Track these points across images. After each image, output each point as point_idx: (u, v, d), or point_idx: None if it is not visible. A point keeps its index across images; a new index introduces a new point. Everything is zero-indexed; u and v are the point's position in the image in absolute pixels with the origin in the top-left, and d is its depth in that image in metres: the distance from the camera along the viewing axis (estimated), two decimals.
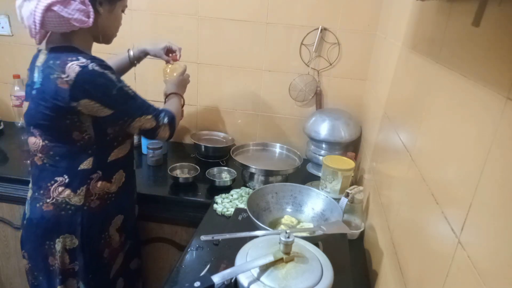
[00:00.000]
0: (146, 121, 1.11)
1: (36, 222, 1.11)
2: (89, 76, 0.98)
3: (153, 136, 1.16)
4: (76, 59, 0.98)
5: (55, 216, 1.09)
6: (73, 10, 0.96)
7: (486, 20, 0.53)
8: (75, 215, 1.10)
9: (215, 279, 0.70)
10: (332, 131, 1.61)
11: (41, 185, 1.10)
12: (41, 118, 1.03)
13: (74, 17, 0.97)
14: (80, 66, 0.97)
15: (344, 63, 1.71)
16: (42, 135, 1.06)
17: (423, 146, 0.78)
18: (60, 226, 1.10)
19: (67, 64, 0.97)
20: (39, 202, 1.10)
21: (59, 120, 1.02)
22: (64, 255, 1.13)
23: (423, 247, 0.70)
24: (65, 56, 0.99)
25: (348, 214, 1.22)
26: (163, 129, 1.16)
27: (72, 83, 0.97)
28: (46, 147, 1.07)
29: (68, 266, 1.15)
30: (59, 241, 1.11)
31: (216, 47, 1.78)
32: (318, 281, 0.70)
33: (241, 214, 1.16)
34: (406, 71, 1.04)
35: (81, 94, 0.98)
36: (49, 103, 1.00)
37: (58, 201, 1.08)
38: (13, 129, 1.98)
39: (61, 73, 0.97)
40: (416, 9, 1.00)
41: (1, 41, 1.93)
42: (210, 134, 1.92)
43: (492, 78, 0.51)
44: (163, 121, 1.15)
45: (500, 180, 0.45)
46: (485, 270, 0.46)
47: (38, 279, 1.19)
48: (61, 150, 1.07)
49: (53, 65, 0.99)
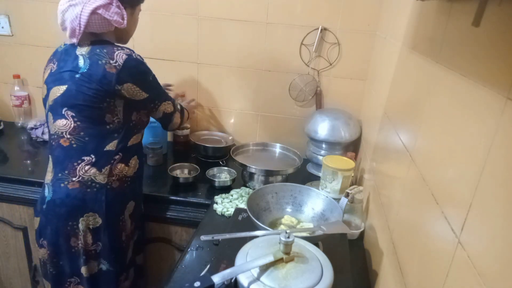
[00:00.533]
0: (168, 106, 1.30)
1: (60, 202, 1.15)
2: (134, 63, 1.14)
3: (170, 120, 1.33)
4: (121, 49, 1.14)
5: (81, 192, 1.15)
6: (112, 13, 1.12)
7: (486, 20, 0.53)
8: (99, 192, 1.16)
9: (215, 279, 0.70)
10: (332, 131, 1.61)
11: (67, 165, 1.16)
12: (81, 99, 1.12)
13: (113, 19, 1.13)
14: (127, 54, 1.13)
15: (344, 63, 1.71)
16: (75, 116, 1.15)
17: (423, 146, 0.78)
18: (85, 203, 1.15)
19: (115, 52, 1.12)
20: (63, 181, 1.15)
21: (98, 102, 1.12)
22: (87, 235, 1.18)
23: (423, 247, 0.70)
24: (111, 46, 1.14)
25: (348, 214, 1.22)
26: (177, 114, 1.35)
27: (120, 68, 1.10)
28: (78, 128, 1.15)
29: (91, 247, 1.19)
30: (83, 220, 1.16)
31: (216, 47, 1.78)
32: (318, 281, 0.70)
33: (241, 214, 1.16)
34: (406, 71, 1.04)
35: (126, 78, 1.12)
36: (94, 85, 1.10)
37: (84, 179, 1.15)
38: (13, 129, 1.98)
39: (109, 59, 1.11)
40: (416, 9, 1.00)
41: (1, 41, 1.93)
42: (210, 134, 1.92)
43: (492, 78, 0.51)
44: (178, 107, 1.36)
45: (500, 180, 0.45)
46: (485, 270, 0.46)
47: (59, 265, 1.21)
48: (92, 131, 1.15)
49: (101, 52, 1.12)
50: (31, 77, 1.99)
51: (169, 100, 1.31)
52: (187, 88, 1.86)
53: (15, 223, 1.55)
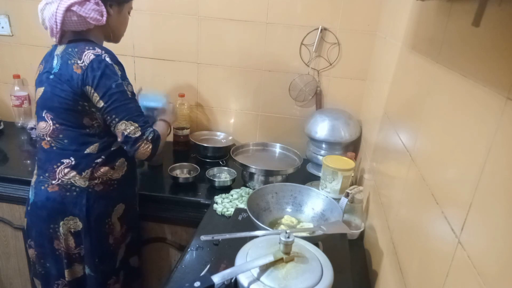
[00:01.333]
0: (131, 128, 1.09)
1: (41, 205, 1.14)
2: (98, 65, 1.06)
3: (134, 146, 1.11)
4: (92, 48, 1.08)
5: (60, 196, 1.13)
6: (89, 10, 1.07)
7: (486, 20, 0.53)
8: (80, 196, 1.14)
9: (215, 279, 0.70)
10: (332, 131, 1.61)
11: (47, 168, 1.14)
12: (57, 101, 1.09)
13: (90, 16, 1.07)
14: (95, 54, 1.07)
15: (344, 63, 1.71)
16: (54, 119, 1.12)
17: (423, 146, 0.78)
18: (65, 207, 1.13)
19: (84, 52, 1.07)
20: (43, 184, 1.14)
21: (73, 104, 1.09)
22: (69, 238, 1.16)
23: (423, 247, 0.70)
24: (84, 45, 1.09)
25: (348, 214, 1.22)
26: (145, 143, 1.11)
27: (85, 69, 1.05)
28: (57, 130, 1.13)
29: (74, 251, 1.18)
30: (64, 224, 1.14)
31: (216, 47, 1.78)
32: (318, 281, 0.70)
33: (241, 214, 1.16)
34: (406, 71, 1.04)
35: (88, 80, 1.06)
36: (64, 87, 1.07)
37: (63, 182, 1.13)
38: (13, 129, 1.98)
39: (77, 59, 1.06)
40: (416, 9, 1.00)
41: (1, 41, 1.93)
42: (210, 134, 1.92)
43: (492, 78, 0.51)
44: (148, 136, 1.12)
45: (500, 180, 0.45)
46: (485, 270, 0.46)
47: (45, 266, 1.21)
48: (71, 134, 1.12)
49: (72, 52, 1.08)
50: (31, 77, 1.98)
51: (135, 122, 1.10)
52: (187, 88, 1.86)
53: (15, 223, 1.55)
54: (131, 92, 1.12)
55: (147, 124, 1.14)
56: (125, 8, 1.21)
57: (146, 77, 1.89)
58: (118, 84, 1.08)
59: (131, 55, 1.85)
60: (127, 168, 1.24)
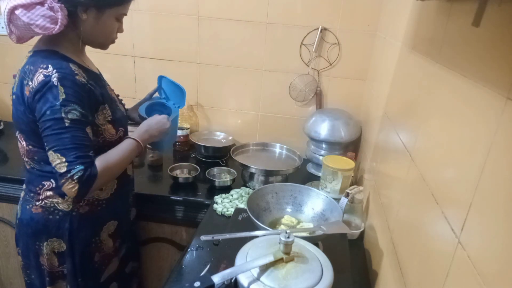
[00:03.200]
0: (57, 162, 0.94)
1: (26, 223, 1.11)
2: (42, 87, 0.94)
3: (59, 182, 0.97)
4: (46, 66, 0.95)
5: (43, 218, 1.08)
6: (36, 16, 0.91)
7: (486, 20, 0.53)
8: (63, 220, 1.09)
9: (215, 279, 0.70)
10: (332, 131, 1.61)
11: (31, 188, 1.10)
12: (22, 123, 1.02)
13: (36, 23, 0.92)
14: (44, 75, 0.94)
15: (344, 63, 1.71)
16: (26, 140, 1.06)
17: (423, 146, 0.78)
18: (48, 229, 1.09)
19: (37, 71, 0.95)
20: (29, 204, 1.10)
21: (35, 127, 0.99)
22: (53, 258, 1.13)
23: (423, 247, 0.70)
24: (40, 62, 0.97)
25: (348, 214, 1.22)
26: (69, 183, 0.94)
27: (32, 92, 0.95)
28: (31, 152, 1.06)
29: (57, 269, 1.15)
30: (47, 245, 1.11)
31: (216, 47, 1.78)
32: (318, 281, 0.70)
33: (241, 214, 1.16)
34: (406, 71, 1.04)
35: (33, 103, 0.96)
36: (22, 108, 0.99)
37: (46, 205, 1.08)
38: (13, 129, 1.97)
39: (29, 80, 0.96)
40: (416, 9, 1.00)
41: (1, 41, 1.93)
42: (210, 134, 1.92)
43: (492, 78, 0.51)
44: (74, 175, 0.94)
45: (500, 180, 0.45)
46: (485, 270, 0.46)
47: (31, 277, 1.20)
48: (44, 156, 1.00)
49: (28, 70, 0.98)
50: None
51: (63, 156, 0.94)
52: (187, 88, 1.86)
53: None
54: (70, 120, 0.95)
55: (79, 160, 0.95)
56: (107, 14, 1.04)
57: (146, 77, 1.89)
58: (53, 110, 0.93)
59: (131, 55, 1.85)
60: (117, 186, 1.17)
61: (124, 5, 1.07)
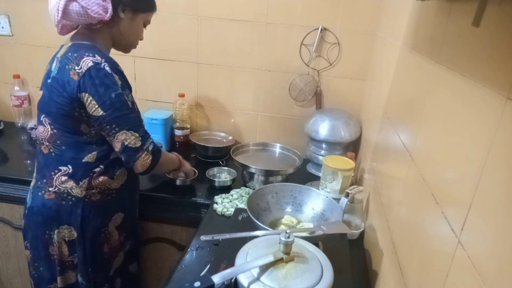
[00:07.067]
0: (132, 138, 1.08)
1: (37, 210, 1.13)
2: (96, 73, 1.03)
3: (133, 157, 1.09)
4: (92, 55, 1.04)
5: (56, 204, 1.11)
6: (92, 3, 1.02)
7: (486, 20, 0.53)
8: (76, 206, 1.12)
9: (215, 279, 0.70)
10: (332, 131, 1.61)
11: (45, 173, 1.13)
12: (53, 106, 1.08)
13: (91, 8, 1.02)
14: (93, 62, 1.03)
15: (344, 63, 1.71)
16: (52, 124, 1.10)
17: (423, 146, 0.78)
18: (60, 216, 1.12)
19: (83, 58, 1.03)
20: (41, 190, 1.13)
21: (69, 110, 1.06)
22: (63, 246, 1.15)
23: (423, 247, 0.70)
24: (84, 50, 1.05)
25: (348, 214, 1.22)
26: (145, 154, 1.10)
27: (81, 76, 1.02)
28: (54, 136, 1.11)
29: (67, 258, 1.17)
30: (58, 232, 1.13)
31: (216, 47, 1.78)
32: (318, 281, 0.70)
33: (241, 214, 1.16)
34: (406, 71, 1.04)
35: (84, 88, 1.03)
36: (61, 91, 1.05)
37: (60, 190, 1.11)
38: (13, 129, 1.98)
39: (75, 65, 1.03)
40: (416, 9, 1.00)
41: (1, 41, 1.93)
42: (210, 134, 1.92)
43: (492, 78, 0.51)
44: (149, 147, 1.11)
45: (500, 180, 0.45)
46: (485, 270, 0.46)
47: (39, 270, 1.20)
48: (68, 140, 1.10)
49: (71, 56, 1.05)
50: (31, 77, 1.99)
51: (136, 132, 1.08)
52: (187, 88, 1.86)
53: (15, 223, 1.55)
54: (131, 102, 1.10)
55: (148, 135, 1.12)
56: (140, 17, 1.18)
57: (146, 77, 1.89)
58: (118, 94, 1.05)
59: (131, 55, 1.84)
60: (127, 177, 1.21)
61: (153, 12, 1.24)
